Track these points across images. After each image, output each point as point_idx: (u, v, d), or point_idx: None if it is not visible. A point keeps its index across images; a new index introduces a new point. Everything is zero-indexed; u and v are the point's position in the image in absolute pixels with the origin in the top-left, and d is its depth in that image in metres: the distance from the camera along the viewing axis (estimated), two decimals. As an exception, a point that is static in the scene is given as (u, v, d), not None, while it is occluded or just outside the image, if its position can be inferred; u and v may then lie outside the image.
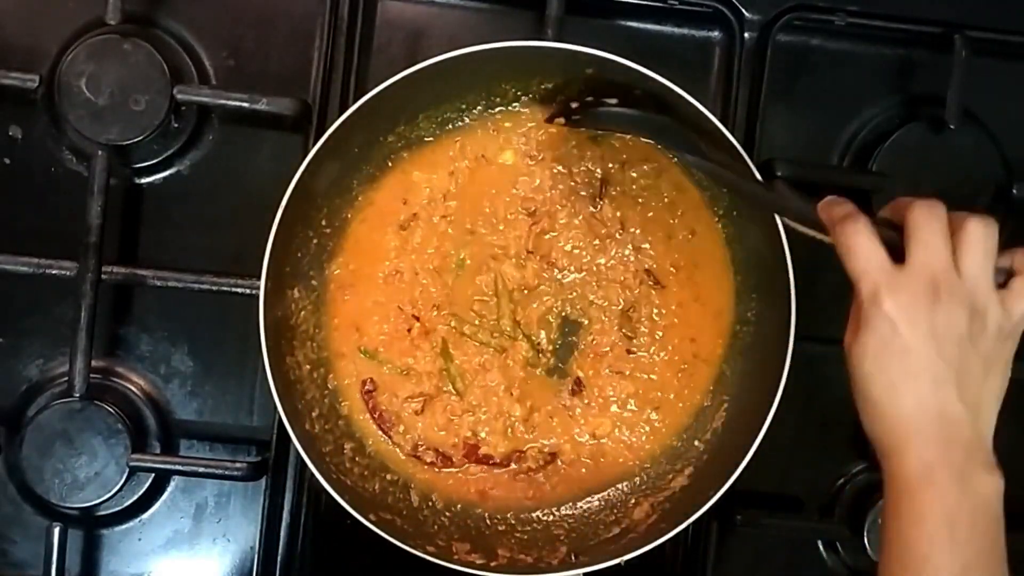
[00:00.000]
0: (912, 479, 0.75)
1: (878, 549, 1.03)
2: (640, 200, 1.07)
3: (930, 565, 0.74)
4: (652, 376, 1.08)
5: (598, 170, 1.07)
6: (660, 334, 1.08)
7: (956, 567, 0.74)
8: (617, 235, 1.07)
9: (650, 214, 1.07)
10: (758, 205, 0.97)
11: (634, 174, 1.07)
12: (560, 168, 1.07)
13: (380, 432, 1.06)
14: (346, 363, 1.06)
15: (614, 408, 1.08)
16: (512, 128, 1.06)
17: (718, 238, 1.07)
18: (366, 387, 1.06)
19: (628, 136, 1.04)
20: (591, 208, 1.07)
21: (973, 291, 0.76)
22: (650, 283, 1.07)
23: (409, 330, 1.06)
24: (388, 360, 1.07)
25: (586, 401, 1.08)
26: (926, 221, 0.76)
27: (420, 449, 1.06)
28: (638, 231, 1.07)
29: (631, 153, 1.06)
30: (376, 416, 1.06)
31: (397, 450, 1.07)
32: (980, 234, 0.76)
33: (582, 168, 1.07)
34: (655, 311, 1.07)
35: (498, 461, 1.07)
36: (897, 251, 0.78)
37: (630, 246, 1.07)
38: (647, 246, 1.07)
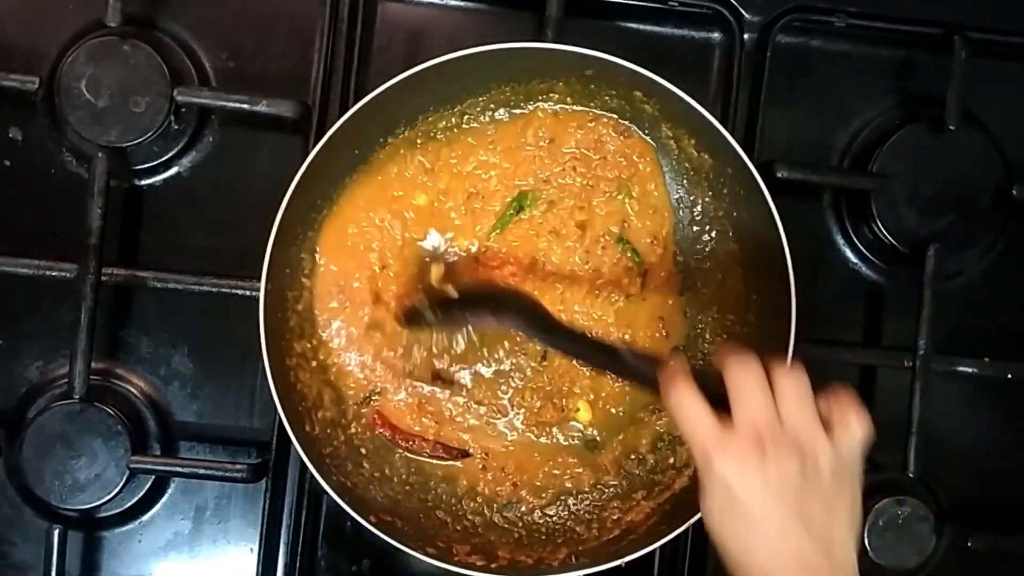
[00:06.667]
0: None
1: (878, 550, 1.04)
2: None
3: None
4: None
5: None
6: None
7: None
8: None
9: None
10: (610, 372, 0.95)
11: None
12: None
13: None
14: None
15: None
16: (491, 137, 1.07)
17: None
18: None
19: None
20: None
21: (797, 437, 0.77)
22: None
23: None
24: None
25: None
26: (743, 377, 0.78)
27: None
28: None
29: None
30: None
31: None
32: (791, 382, 0.78)
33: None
34: None
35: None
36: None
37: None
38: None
